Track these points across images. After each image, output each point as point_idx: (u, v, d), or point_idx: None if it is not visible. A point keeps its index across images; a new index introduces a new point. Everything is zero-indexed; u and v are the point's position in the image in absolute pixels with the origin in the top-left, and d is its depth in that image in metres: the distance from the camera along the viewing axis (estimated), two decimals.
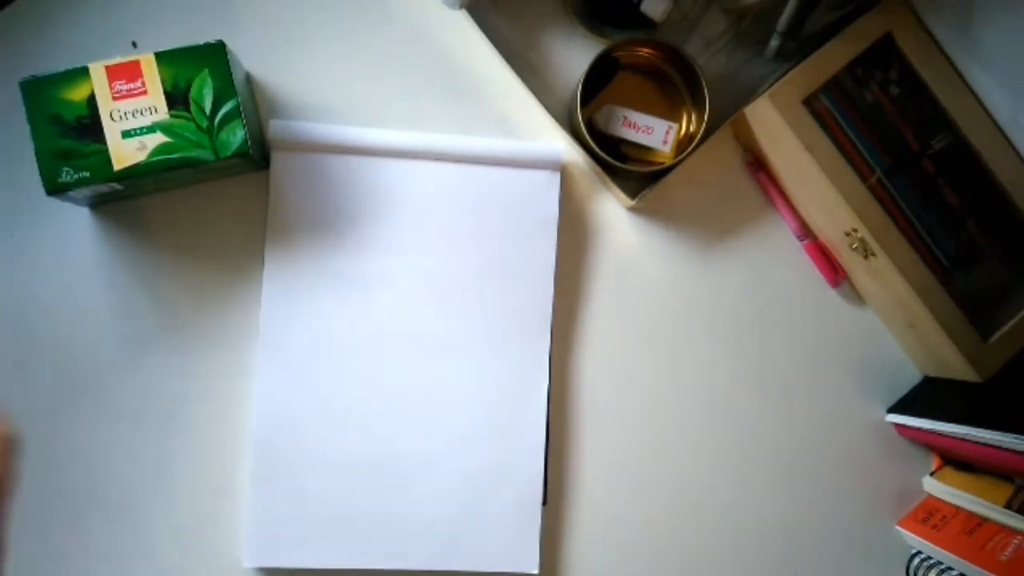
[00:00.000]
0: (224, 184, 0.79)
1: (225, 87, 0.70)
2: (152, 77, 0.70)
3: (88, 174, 0.69)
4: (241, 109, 0.71)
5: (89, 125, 0.69)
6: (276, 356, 0.78)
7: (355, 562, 0.77)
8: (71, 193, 0.71)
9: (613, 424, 0.82)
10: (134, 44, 0.78)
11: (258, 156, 0.75)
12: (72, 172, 0.69)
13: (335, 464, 0.78)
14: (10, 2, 0.78)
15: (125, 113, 0.69)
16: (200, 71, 0.70)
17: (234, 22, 0.80)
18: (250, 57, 0.78)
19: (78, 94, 0.69)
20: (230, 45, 0.71)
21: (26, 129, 0.69)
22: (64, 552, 0.77)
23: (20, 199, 0.77)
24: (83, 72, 0.69)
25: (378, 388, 0.79)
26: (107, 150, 0.69)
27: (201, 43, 0.70)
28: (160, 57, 0.70)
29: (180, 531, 0.78)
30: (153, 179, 0.72)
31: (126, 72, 0.70)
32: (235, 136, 0.71)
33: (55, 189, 0.69)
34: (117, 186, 0.71)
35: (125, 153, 0.69)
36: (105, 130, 0.69)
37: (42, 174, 0.69)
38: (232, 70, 0.71)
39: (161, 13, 0.79)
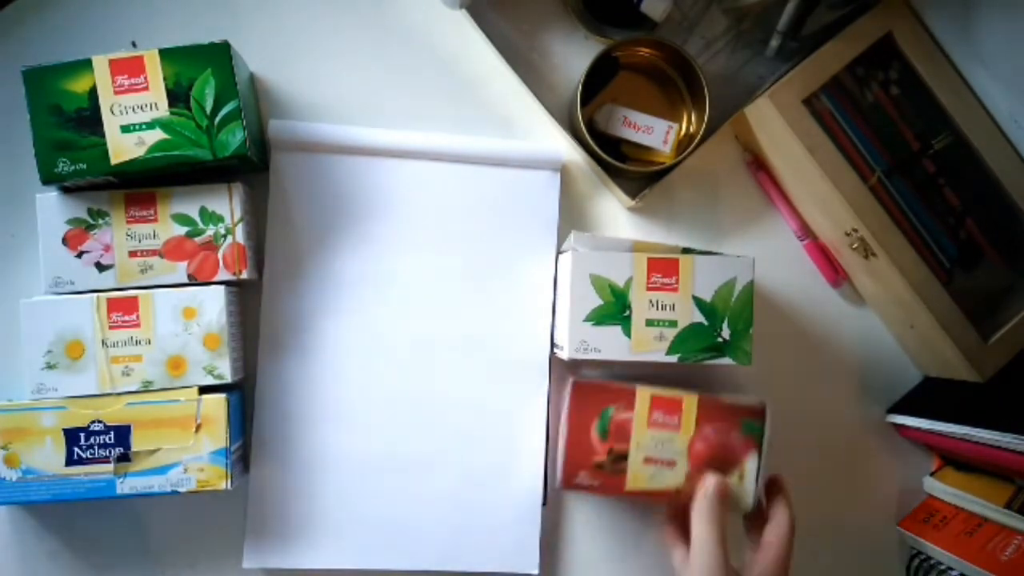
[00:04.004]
0: None
1: (227, 88, 0.70)
2: (155, 73, 0.70)
3: (85, 166, 0.69)
4: (242, 110, 0.70)
5: (89, 117, 0.69)
6: (276, 356, 0.78)
7: (355, 562, 0.77)
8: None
9: None
10: (134, 44, 0.78)
11: (257, 157, 0.74)
12: (69, 163, 0.69)
13: (335, 464, 0.77)
14: (10, 1, 0.78)
15: (125, 108, 0.69)
16: (203, 70, 0.70)
17: (238, 21, 0.80)
18: (252, 56, 0.78)
19: (80, 86, 0.69)
20: (233, 44, 0.71)
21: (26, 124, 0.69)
22: (58, 551, 0.77)
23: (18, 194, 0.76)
24: (86, 64, 0.69)
25: (378, 388, 0.78)
26: (105, 143, 0.69)
27: (206, 43, 0.70)
28: (164, 54, 0.70)
29: (181, 531, 0.78)
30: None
31: (129, 67, 0.69)
32: (234, 137, 0.70)
33: (51, 179, 0.69)
34: (113, 180, 0.71)
35: (123, 148, 0.69)
36: (104, 123, 0.69)
37: (39, 164, 0.69)
38: (235, 71, 0.71)
39: (166, 11, 0.79)
